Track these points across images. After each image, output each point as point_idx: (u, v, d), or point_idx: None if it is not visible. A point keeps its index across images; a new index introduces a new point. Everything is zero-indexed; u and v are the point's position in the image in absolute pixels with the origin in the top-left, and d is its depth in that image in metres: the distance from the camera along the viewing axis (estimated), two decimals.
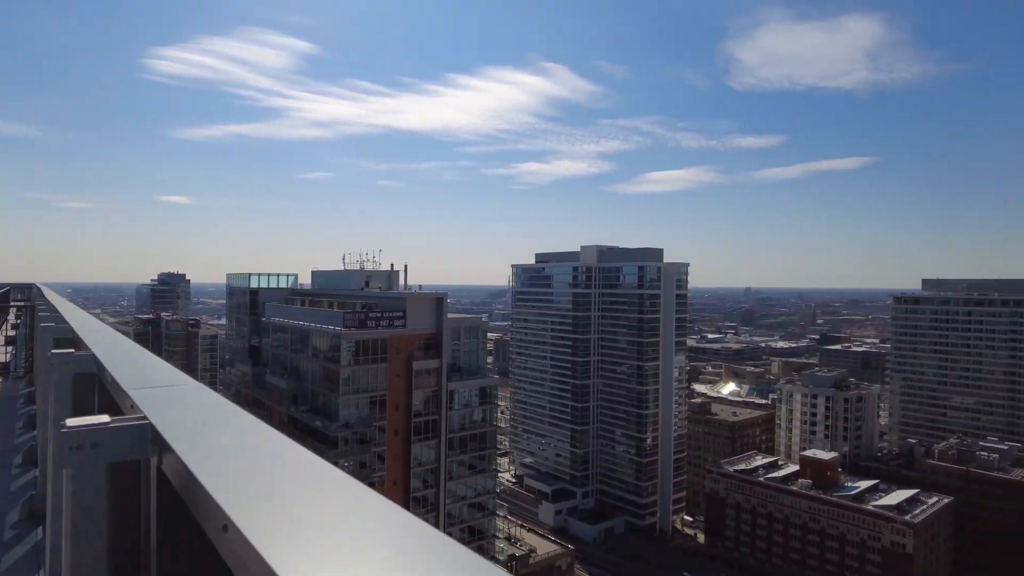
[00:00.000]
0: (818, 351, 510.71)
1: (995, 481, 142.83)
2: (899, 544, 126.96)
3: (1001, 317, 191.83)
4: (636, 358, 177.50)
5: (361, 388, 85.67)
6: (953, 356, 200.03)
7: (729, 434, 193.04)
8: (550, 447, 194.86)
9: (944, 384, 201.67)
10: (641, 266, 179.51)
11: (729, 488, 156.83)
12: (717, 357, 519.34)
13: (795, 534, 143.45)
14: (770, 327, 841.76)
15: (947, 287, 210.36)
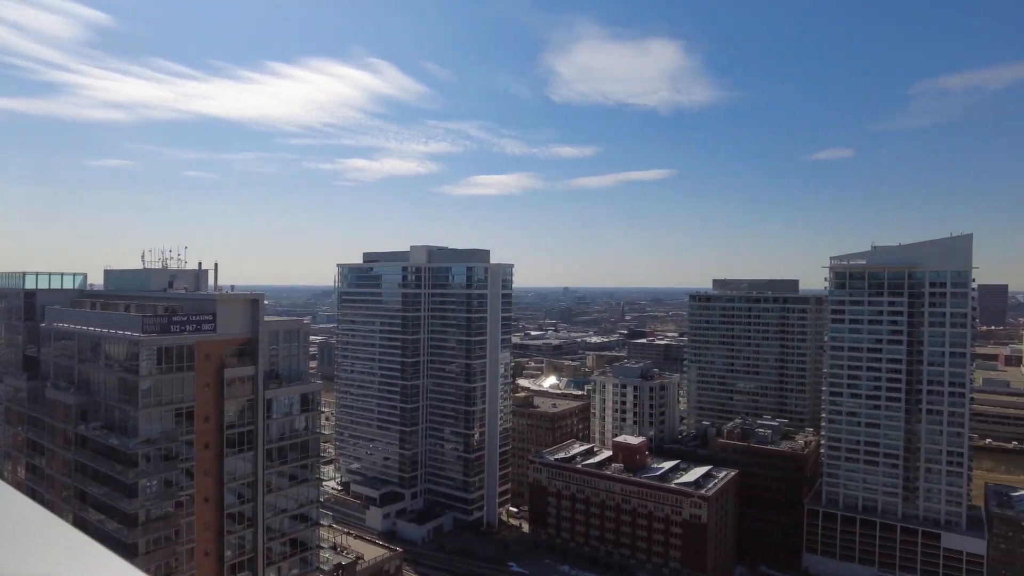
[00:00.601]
0: (627, 344, 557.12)
1: (769, 453, 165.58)
2: (696, 516, 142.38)
3: (772, 313, 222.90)
4: (465, 356, 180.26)
5: (165, 400, 77.66)
6: (737, 347, 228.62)
7: (550, 425, 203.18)
8: (378, 451, 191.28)
9: (731, 371, 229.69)
10: (470, 267, 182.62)
11: (550, 477, 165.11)
12: (539, 352, 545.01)
13: (610, 515, 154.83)
14: (585, 323, 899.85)
15: (732, 286, 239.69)
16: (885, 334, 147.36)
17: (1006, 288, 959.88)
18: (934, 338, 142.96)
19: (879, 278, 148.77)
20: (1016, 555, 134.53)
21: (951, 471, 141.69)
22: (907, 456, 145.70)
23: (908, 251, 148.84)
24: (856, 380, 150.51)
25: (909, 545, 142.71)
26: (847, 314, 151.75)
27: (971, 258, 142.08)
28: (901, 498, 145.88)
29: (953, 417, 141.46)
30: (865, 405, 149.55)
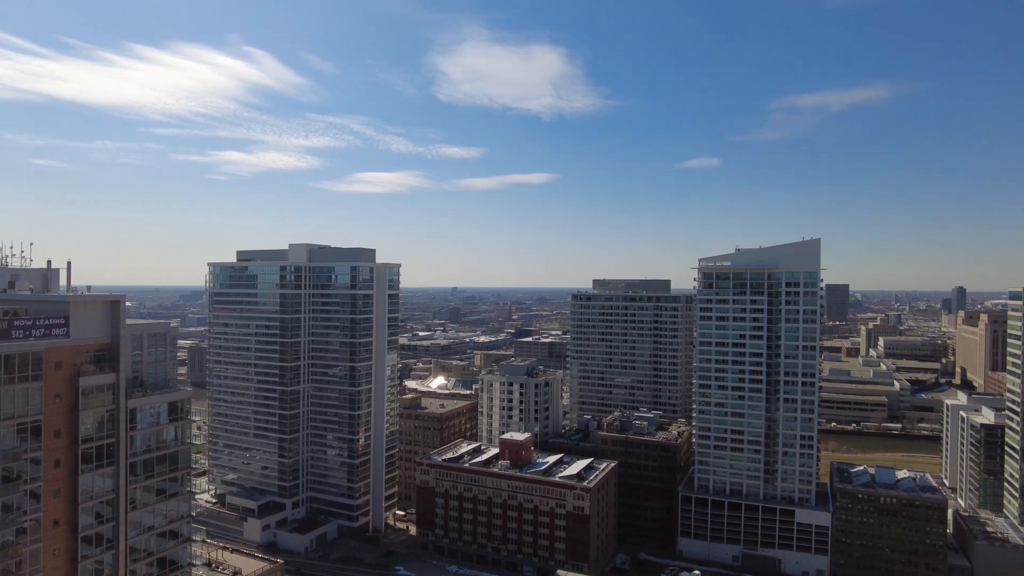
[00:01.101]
0: (514, 343, 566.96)
1: (645, 444, 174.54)
2: (579, 507, 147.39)
3: (647, 311, 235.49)
4: (349, 359, 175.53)
5: (5, 414, 69.70)
6: (616, 343, 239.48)
7: (438, 426, 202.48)
8: (256, 460, 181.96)
9: (610, 367, 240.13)
10: (354, 266, 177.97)
11: (438, 477, 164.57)
12: (427, 353, 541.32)
13: (497, 512, 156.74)
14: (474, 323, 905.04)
15: (611, 286, 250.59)
16: (748, 330, 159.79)
17: (847, 287, 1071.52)
18: (790, 333, 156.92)
19: (742, 278, 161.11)
20: (854, 524, 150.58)
21: (803, 453, 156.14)
22: (767, 441, 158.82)
23: (767, 254, 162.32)
24: (723, 373, 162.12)
25: (769, 522, 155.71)
26: (714, 312, 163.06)
27: (819, 260, 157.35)
28: (762, 480, 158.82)
29: (805, 404, 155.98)
30: (731, 396, 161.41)
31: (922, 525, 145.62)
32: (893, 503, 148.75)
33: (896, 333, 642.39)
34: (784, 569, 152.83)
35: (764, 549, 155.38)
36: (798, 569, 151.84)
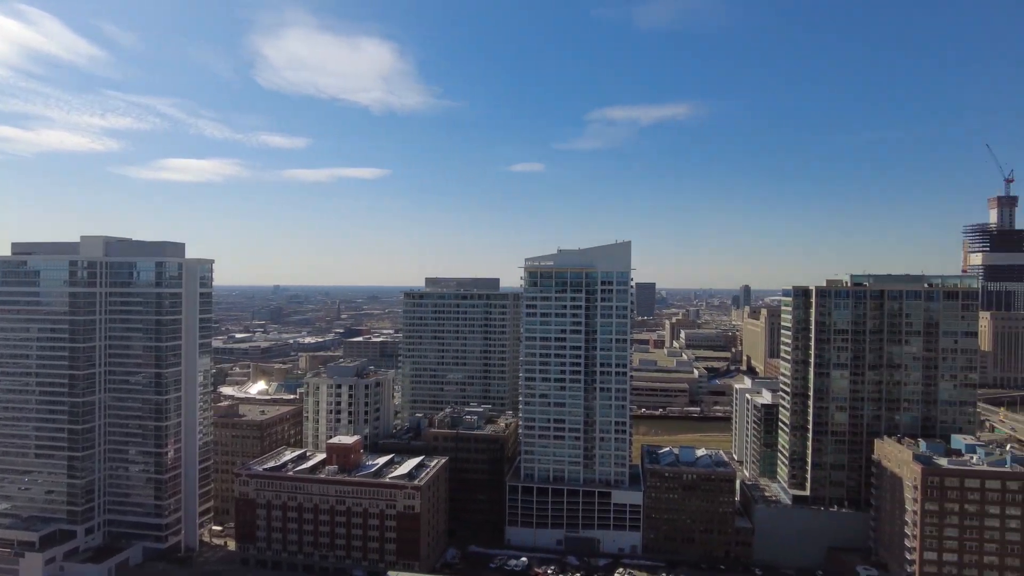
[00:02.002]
0: (343, 343, 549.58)
1: (475, 438, 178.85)
2: (410, 507, 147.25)
3: (478, 308, 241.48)
4: (155, 365, 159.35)
5: None
6: (447, 340, 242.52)
7: (258, 433, 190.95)
8: (37, 484, 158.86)
9: (442, 364, 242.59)
10: (160, 262, 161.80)
11: (259, 488, 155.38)
12: (246, 356, 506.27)
13: (324, 519, 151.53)
14: (299, 323, 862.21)
15: (442, 284, 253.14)
16: (568, 325, 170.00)
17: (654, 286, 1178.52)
18: (604, 327, 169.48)
19: (564, 277, 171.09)
20: (662, 500, 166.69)
21: (618, 438, 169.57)
22: (586, 429, 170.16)
23: (586, 254, 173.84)
24: (546, 366, 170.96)
25: (589, 505, 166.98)
26: (539, 308, 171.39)
27: (630, 261, 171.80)
28: (582, 466, 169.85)
29: (619, 393, 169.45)
30: (554, 387, 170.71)
31: (716, 496, 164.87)
32: (693, 479, 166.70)
33: (695, 326, 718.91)
34: (602, 548, 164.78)
35: (585, 531, 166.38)
36: (615, 546, 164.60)
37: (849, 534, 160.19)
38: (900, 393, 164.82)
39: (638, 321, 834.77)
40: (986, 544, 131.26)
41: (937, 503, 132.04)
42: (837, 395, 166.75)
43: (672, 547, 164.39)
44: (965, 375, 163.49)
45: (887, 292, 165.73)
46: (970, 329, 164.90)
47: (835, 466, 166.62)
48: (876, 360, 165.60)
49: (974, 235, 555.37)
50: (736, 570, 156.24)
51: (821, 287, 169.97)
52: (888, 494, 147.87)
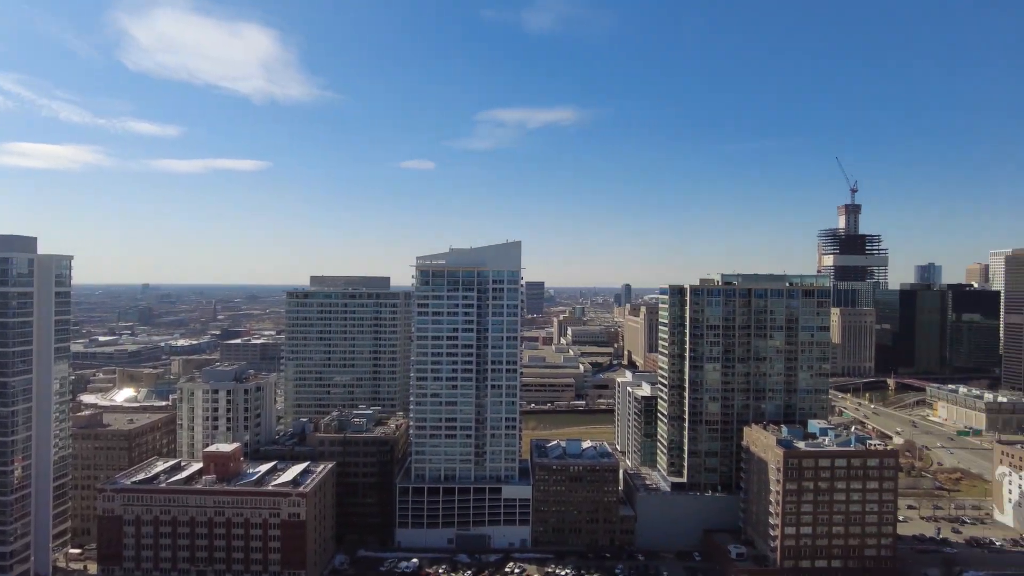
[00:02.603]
0: (220, 346, 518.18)
1: (364, 440, 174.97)
2: (295, 514, 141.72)
3: (367, 308, 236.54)
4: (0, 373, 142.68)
5: None
6: (334, 341, 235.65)
7: (126, 444, 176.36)
8: None
9: (328, 366, 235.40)
10: (6, 258, 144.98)
11: (126, 503, 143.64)
12: (111, 362, 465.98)
13: (202, 532, 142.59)
14: (171, 325, 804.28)
15: (329, 283, 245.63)
16: (460, 324, 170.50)
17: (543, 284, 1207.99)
18: (495, 325, 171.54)
19: (455, 276, 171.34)
20: (550, 492, 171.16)
21: (508, 434, 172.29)
22: (477, 426, 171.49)
23: (477, 253, 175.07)
24: (438, 365, 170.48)
25: (479, 502, 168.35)
26: (430, 307, 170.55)
27: (520, 260, 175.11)
28: (473, 463, 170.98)
29: (509, 389, 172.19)
30: (445, 386, 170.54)
31: (601, 486, 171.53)
32: (580, 470, 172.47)
33: (581, 324, 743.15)
34: (493, 544, 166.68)
35: (476, 528, 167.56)
36: (505, 541, 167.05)
37: (723, 516, 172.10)
38: (765, 383, 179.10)
39: (527, 319, 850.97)
40: (835, 516, 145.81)
41: (796, 482, 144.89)
42: (710, 386, 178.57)
43: (560, 538, 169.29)
44: (819, 366, 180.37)
45: (753, 291, 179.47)
46: (824, 324, 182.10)
47: (709, 453, 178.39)
48: (744, 353, 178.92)
49: (826, 239, 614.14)
50: (620, 557, 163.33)
51: (695, 286, 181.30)
52: (755, 477, 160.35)
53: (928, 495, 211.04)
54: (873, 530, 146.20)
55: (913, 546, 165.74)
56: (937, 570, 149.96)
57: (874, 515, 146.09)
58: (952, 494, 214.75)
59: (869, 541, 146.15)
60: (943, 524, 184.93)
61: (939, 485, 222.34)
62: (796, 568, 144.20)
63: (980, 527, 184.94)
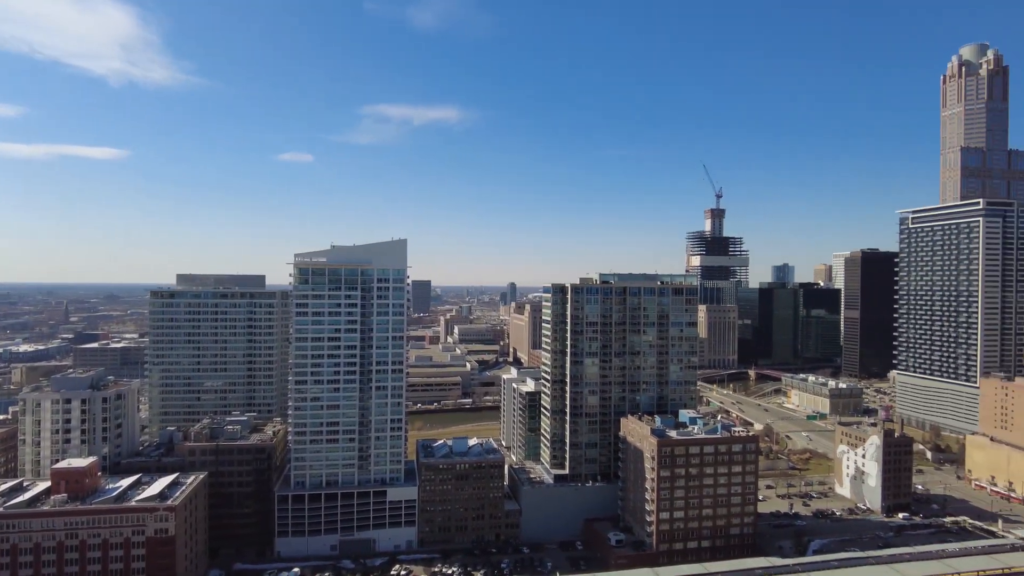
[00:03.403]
0: (73, 351, 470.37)
1: (239, 449, 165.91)
2: (163, 530, 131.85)
3: (241, 308, 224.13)
4: None
5: None
6: (205, 344, 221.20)
7: None
8: None
9: (198, 371, 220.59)
10: None
11: None
12: None
13: (50, 559, 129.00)
14: (12, 328, 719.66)
15: (198, 282, 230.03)
16: (343, 324, 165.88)
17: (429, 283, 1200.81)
18: (381, 325, 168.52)
19: (338, 274, 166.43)
20: (437, 492, 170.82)
21: (393, 436, 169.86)
22: (361, 429, 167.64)
23: (361, 251, 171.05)
24: (319, 367, 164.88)
25: (364, 506, 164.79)
26: (310, 307, 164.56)
27: (406, 258, 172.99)
28: (357, 467, 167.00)
29: (394, 390, 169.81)
30: (327, 389, 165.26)
31: (487, 482, 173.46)
32: (466, 468, 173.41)
33: (468, 322, 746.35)
34: (378, 547, 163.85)
35: (360, 532, 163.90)
36: (391, 544, 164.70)
37: (603, 505, 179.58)
38: (640, 376, 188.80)
39: (414, 318, 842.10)
40: (704, 499, 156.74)
41: (669, 469, 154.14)
42: (590, 380, 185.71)
43: (447, 537, 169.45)
44: (688, 359, 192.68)
45: (628, 289, 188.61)
46: (692, 320, 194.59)
47: (589, 445, 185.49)
48: (621, 348, 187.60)
49: (694, 240, 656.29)
50: (506, 551, 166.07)
51: (576, 285, 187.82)
52: (632, 466, 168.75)
53: (783, 475, 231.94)
54: (737, 510, 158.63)
55: (771, 522, 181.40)
56: (790, 541, 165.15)
57: (738, 496, 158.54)
58: (803, 472, 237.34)
59: (734, 520, 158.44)
60: (795, 500, 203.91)
61: (792, 465, 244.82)
62: (670, 550, 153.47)
63: (825, 500, 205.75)
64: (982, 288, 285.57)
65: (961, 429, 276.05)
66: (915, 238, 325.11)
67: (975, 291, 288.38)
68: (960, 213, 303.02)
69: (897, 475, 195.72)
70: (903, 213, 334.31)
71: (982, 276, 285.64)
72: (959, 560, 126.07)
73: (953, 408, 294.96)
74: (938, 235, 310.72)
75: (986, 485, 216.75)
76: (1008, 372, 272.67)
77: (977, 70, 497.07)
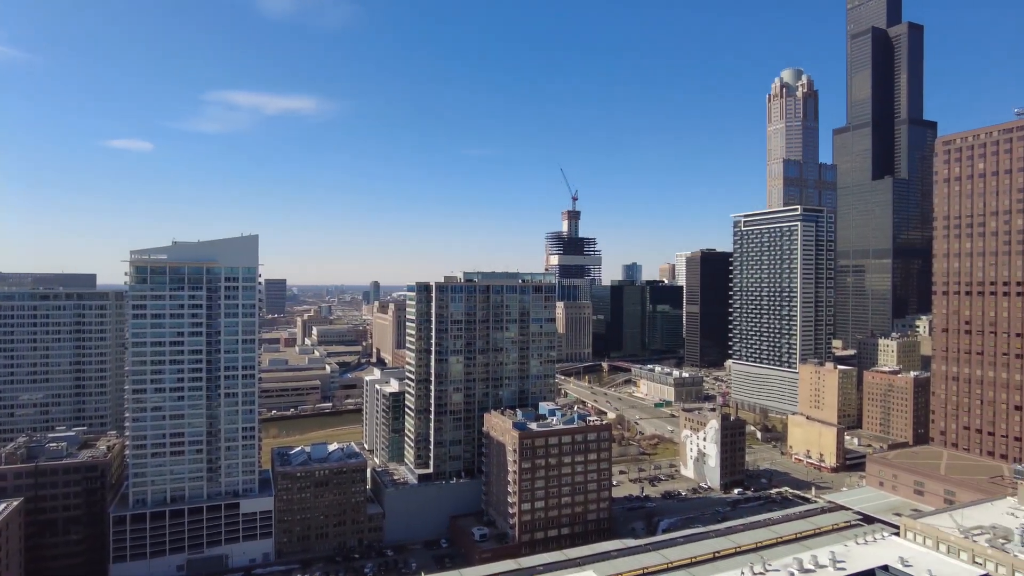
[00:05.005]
0: None
1: (65, 468, 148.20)
2: None
3: (66, 311, 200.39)
4: None
5: None
6: (21, 352, 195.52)
7: None
8: None
9: (11, 383, 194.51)
10: None
11: None
12: None
13: None
14: None
15: (13, 281, 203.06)
16: (187, 327, 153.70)
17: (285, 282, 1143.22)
18: (230, 327, 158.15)
19: (180, 273, 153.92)
20: (295, 501, 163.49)
21: (246, 445, 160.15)
22: (210, 439, 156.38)
23: (207, 248, 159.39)
24: (160, 374, 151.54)
25: (214, 521, 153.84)
26: (149, 309, 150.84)
27: (258, 256, 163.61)
28: (206, 480, 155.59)
29: (246, 397, 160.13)
30: (170, 398, 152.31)
31: (348, 487, 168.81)
32: (326, 474, 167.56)
33: (327, 323, 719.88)
34: (231, 563, 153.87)
35: (211, 549, 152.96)
36: (245, 559, 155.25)
37: (468, 501, 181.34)
38: (502, 372, 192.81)
39: (268, 319, 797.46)
40: (563, 488, 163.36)
41: (530, 460, 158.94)
42: (454, 378, 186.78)
43: (307, 546, 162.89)
44: (547, 354, 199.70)
45: (492, 287, 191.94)
46: (550, 316, 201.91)
47: (453, 442, 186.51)
48: (484, 345, 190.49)
49: (552, 241, 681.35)
50: (369, 555, 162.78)
51: (440, 283, 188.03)
52: (495, 460, 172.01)
53: (634, 460, 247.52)
54: (593, 496, 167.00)
55: (624, 505, 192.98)
56: (642, 523, 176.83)
57: (594, 483, 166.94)
58: (652, 457, 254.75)
59: (590, 506, 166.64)
60: (645, 483, 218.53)
61: (642, 451, 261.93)
62: (532, 540, 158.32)
63: (672, 482, 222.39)
64: (800, 284, 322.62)
65: (785, 410, 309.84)
66: (746, 240, 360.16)
67: (794, 287, 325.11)
68: (782, 218, 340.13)
69: (733, 455, 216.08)
70: (736, 217, 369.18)
71: (800, 274, 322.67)
72: (781, 526, 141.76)
73: (779, 392, 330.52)
74: (765, 237, 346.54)
75: (803, 458, 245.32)
76: (820, 359, 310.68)
77: (795, 92, 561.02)
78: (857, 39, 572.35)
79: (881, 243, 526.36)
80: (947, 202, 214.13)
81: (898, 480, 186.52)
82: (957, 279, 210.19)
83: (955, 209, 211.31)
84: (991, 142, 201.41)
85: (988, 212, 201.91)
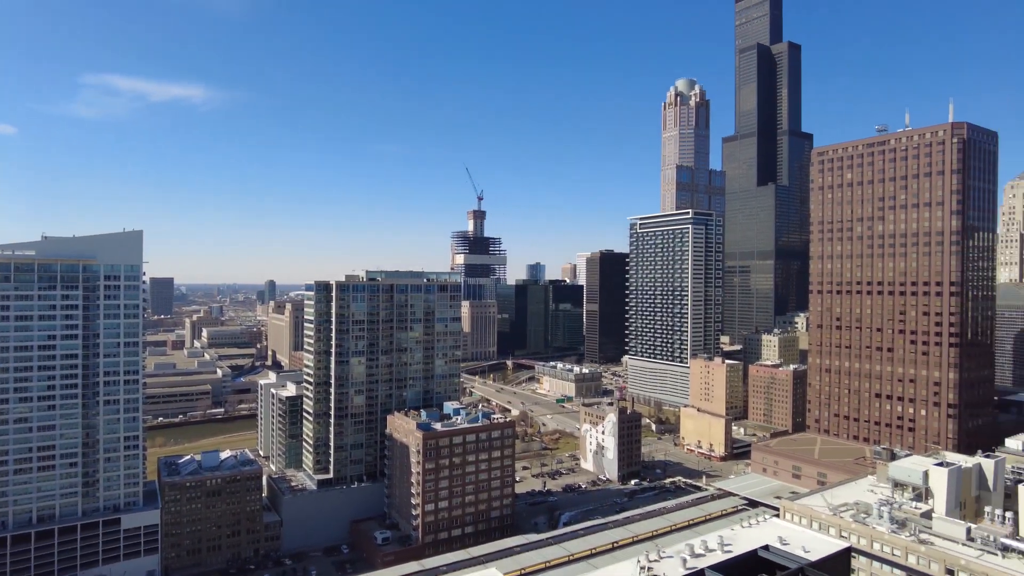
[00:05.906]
0: None
1: None
2: None
3: None
4: None
5: None
6: None
7: None
8: None
9: None
10: None
11: None
12: None
13: None
14: None
15: None
16: (59, 330, 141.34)
17: (172, 281, 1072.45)
18: (110, 330, 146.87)
19: (51, 271, 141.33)
20: (184, 513, 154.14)
21: (128, 455, 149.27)
22: (86, 451, 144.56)
23: (84, 243, 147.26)
24: (26, 382, 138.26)
25: (91, 539, 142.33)
26: (13, 311, 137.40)
27: (142, 253, 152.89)
28: (81, 495, 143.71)
29: (128, 404, 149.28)
30: (38, 408, 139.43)
31: (243, 496, 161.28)
32: (218, 483, 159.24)
33: (219, 324, 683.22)
34: None
35: (87, 571, 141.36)
36: None
37: (370, 505, 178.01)
38: (407, 372, 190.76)
39: (153, 320, 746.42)
40: (467, 487, 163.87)
41: (434, 461, 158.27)
42: (356, 380, 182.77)
43: (197, 560, 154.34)
44: (452, 353, 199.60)
45: (396, 286, 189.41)
46: (456, 316, 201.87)
47: (355, 446, 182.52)
48: (388, 346, 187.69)
49: (458, 240, 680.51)
50: (266, 565, 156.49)
51: (341, 282, 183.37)
52: (398, 462, 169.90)
53: (537, 455, 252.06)
54: (497, 493, 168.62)
55: (527, 501, 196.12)
56: (544, 517, 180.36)
57: (497, 480, 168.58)
58: (554, 452, 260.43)
59: (494, 504, 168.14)
60: (547, 478, 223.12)
61: (544, 446, 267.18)
62: (435, 541, 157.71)
63: (573, 475, 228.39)
64: (691, 284, 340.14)
65: (677, 403, 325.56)
66: (641, 241, 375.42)
67: (686, 286, 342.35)
68: (674, 221, 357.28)
69: (630, 447, 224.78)
70: (632, 219, 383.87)
71: (691, 274, 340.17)
72: (675, 514, 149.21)
73: (672, 386, 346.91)
74: (659, 239, 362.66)
75: (694, 448, 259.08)
76: (709, 354, 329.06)
77: (688, 100, 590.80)
78: (744, 54, 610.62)
79: (765, 245, 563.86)
80: (821, 208, 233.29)
81: (779, 466, 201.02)
82: (830, 279, 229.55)
83: (828, 214, 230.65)
84: (857, 155, 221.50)
85: (855, 218, 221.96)
